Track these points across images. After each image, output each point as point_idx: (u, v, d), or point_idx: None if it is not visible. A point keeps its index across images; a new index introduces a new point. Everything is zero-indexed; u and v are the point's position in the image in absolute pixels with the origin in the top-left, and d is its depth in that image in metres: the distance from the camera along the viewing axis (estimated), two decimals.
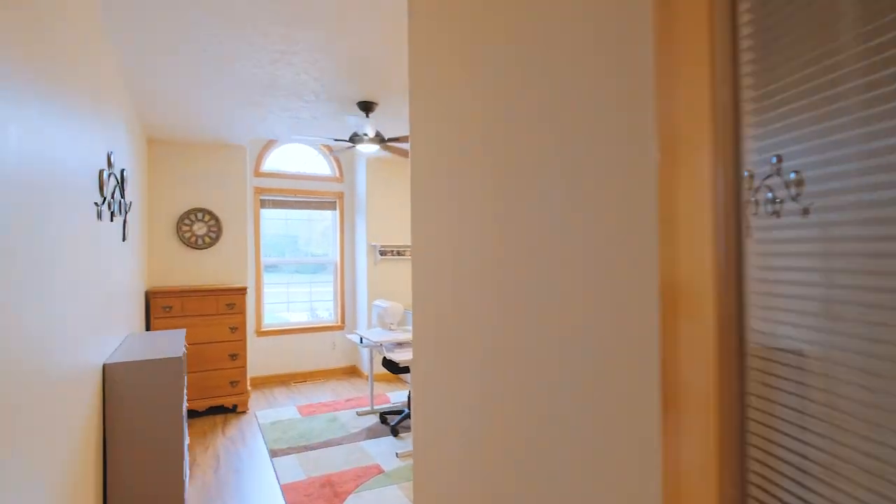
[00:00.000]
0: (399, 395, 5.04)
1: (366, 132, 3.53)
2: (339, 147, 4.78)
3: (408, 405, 4.36)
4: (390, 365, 4.09)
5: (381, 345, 3.76)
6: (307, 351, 5.80)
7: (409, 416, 4.04)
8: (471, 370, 1.02)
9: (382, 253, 5.70)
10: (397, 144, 3.98)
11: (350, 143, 3.71)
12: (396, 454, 3.51)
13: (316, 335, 5.86)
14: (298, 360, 5.76)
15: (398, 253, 5.82)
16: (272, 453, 3.57)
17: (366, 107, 3.57)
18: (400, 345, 3.81)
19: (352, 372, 6.06)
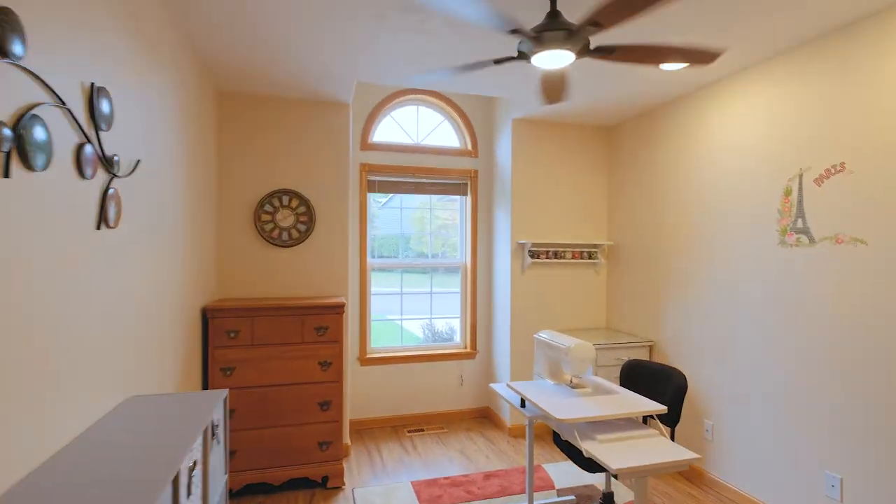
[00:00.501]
0: (564, 472, 3.26)
1: (539, 26, 1.81)
2: (490, 84, 2.99)
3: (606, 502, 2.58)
4: (578, 455, 2.34)
5: (573, 428, 2.01)
6: (426, 386, 4.28)
7: None
8: None
9: (534, 254, 3.95)
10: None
11: (523, 46, 1.97)
12: None
13: (437, 365, 4.31)
14: (413, 399, 4.25)
15: (557, 255, 4.03)
16: None
17: None
18: (603, 426, 2.02)
19: (485, 416, 4.42)
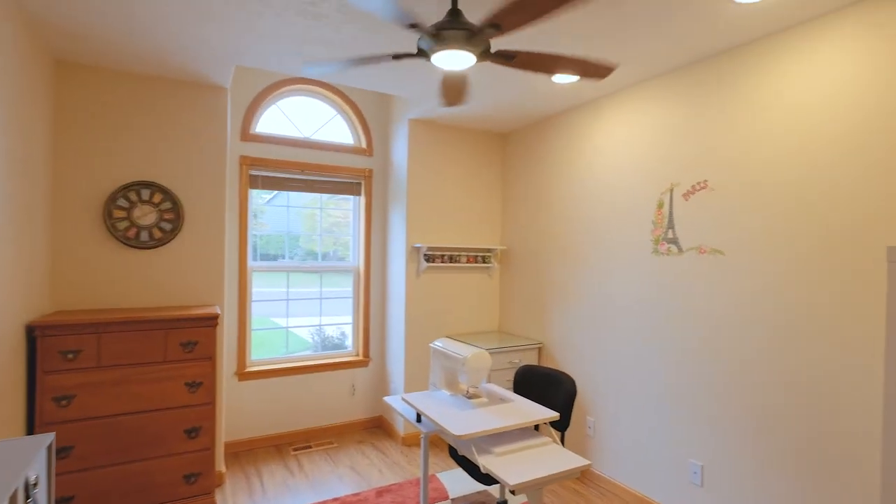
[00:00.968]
0: (458, 480, 3.22)
1: (441, 24, 1.71)
2: (383, 81, 2.79)
3: None
4: (475, 469, 2.28)
5: (471, 444, 1.94)
6: (314, 398, 3.99)
7: None
8: None
9: (429, 258, 3.88)
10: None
11: (423, 43, 1.85)
12: None
13: (327, 375, 4.05)
14: (300, 413, 3.94)
15: (452, 259, 3.99)
16: None
17: None
18: (499, 437, 1.98)
19: (378, 426, 4.25)
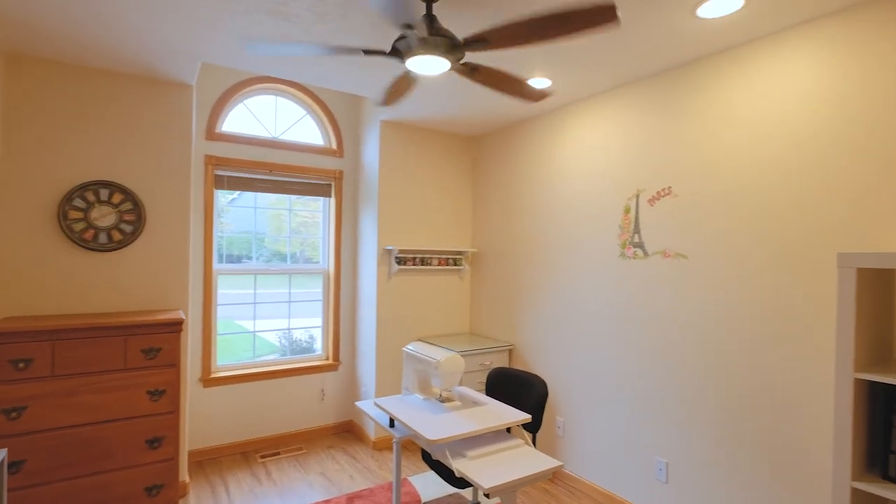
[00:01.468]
0: (430, 483, 3.22)
1: (430, 29, 1.71)
2: (354, 83, 2.70)
3: None
4: (449, 473, 2.28)
5: (445, 448, 1.93)
6: (282, 403, 3.91)
7: None
8: None
9: (401, 261, 3.86)
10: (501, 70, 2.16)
11: (394, 56, 1.85)
12: None
13: (296, 379, 3.97)
14: (268, 419, 3.85)
15: (424, 262, 3.98)
16: None
17: None
18: (473, 441, 1.99)
19: (348, 430, 4.19)
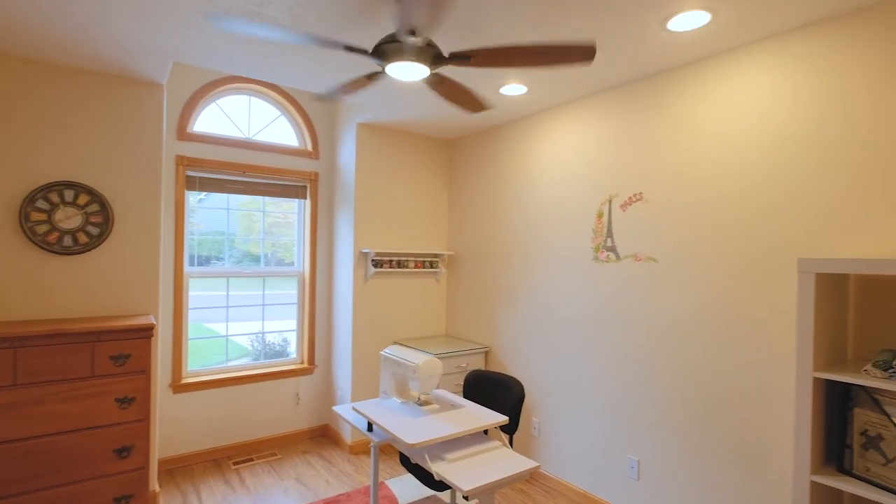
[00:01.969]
0: (408, 486, 3.22)
1: (414, 33, 1.72)
2: (333, 84, 2.60)
3: None
4: (428, 476, 2.29)
5: (424, 451, 1.94)
6: (256, 408, 3.84)
7: None
8: None
9: (377, 264, 3.85)
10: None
11: (375, 59, 1.86)
12: None
13: (269, 384, 3.91)
14: (241, 425, 3.78)
15: (400, 264, 3.98)
16: None
17: None
18: (451, 443, 2.01)
19: (323, 435, 4.15)
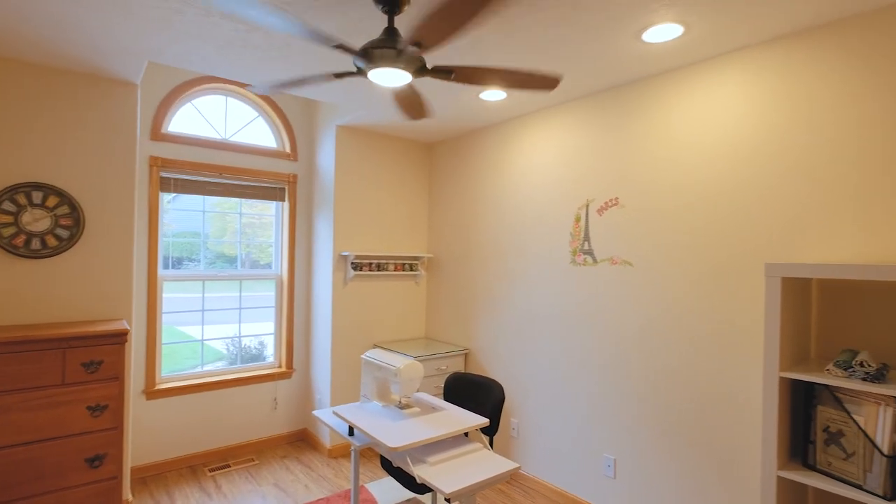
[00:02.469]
0: (387, 489, 3.22)
1: (395, 42, 1.73)
2: (313, 86, 2.65)
3: None
4: (409, 479, 2.30)
5: (405, 454, 1.95)
6: (232, 413, 3.78)
7: None
8: None
9: (357, 266, 3.84)
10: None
11: (357, 61, 1.87)
12: None
13: (246, 389, 3.86)
14: (217, 430, 3.72)
15: (380, 267, 3.98)
16: None
17: None
18: (432, 446, 2.03)
19: (301, 439, 4.11)
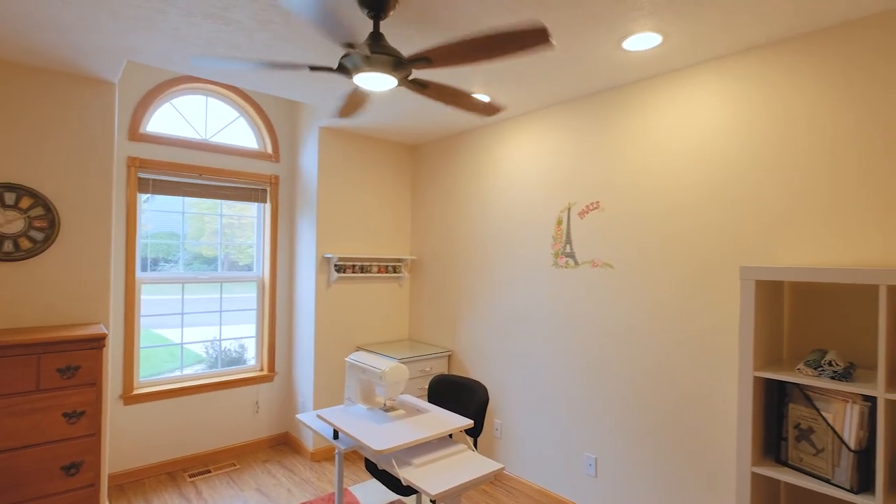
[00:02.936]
0: (371, 492, 3.22)
1: (373, 47, 1.74)
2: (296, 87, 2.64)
3: None
4: (394, 482, 2.30)
5: (391, 457, 1.96)
6: (212, 418, 3.73)
7: None
8: None
9: (340, 269, 3.82)
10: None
11: (342, 76, 1.89)
12: None
13: (227, 393, 3.81)
14: (197, 435, 3.66)
15: (363, 269, 3.97)
16: None
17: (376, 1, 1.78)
18: (417, 448, 2.04)
19: (284, 442, 4.08)
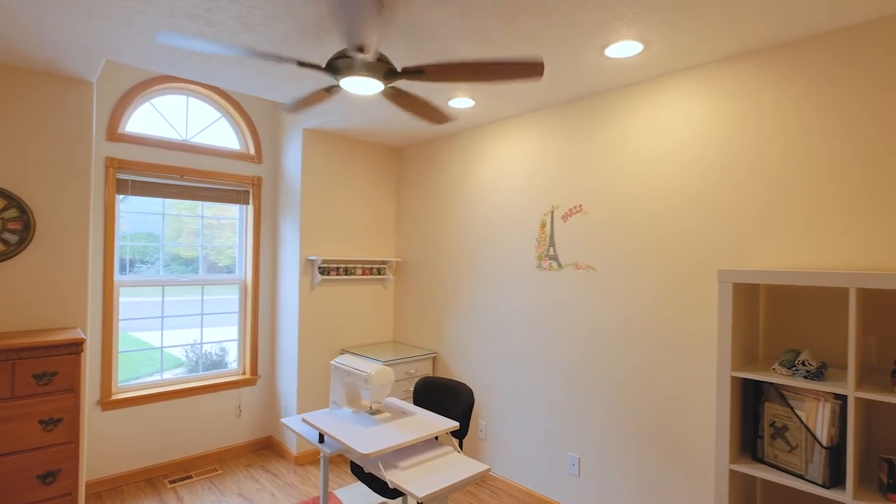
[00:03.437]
0: (356, 495, 3.21)
1: (362, 50, 1.75)
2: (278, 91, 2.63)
3: None
4: (380, 484, 2.30)
5: (378, 460, 1.96)
6: (193, 422, 3.68)
7: None
8: None
9: (324, 271, 3.81)
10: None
11: (329, 74, 1.88)
12: None
13: (209, 397, 3.76)
14: (177, 440, 3.61)
15: (348, 271, 3.96)
16: None
17: None
18: (404, 451, 2.05)
19: (267, 446, 4.04)
